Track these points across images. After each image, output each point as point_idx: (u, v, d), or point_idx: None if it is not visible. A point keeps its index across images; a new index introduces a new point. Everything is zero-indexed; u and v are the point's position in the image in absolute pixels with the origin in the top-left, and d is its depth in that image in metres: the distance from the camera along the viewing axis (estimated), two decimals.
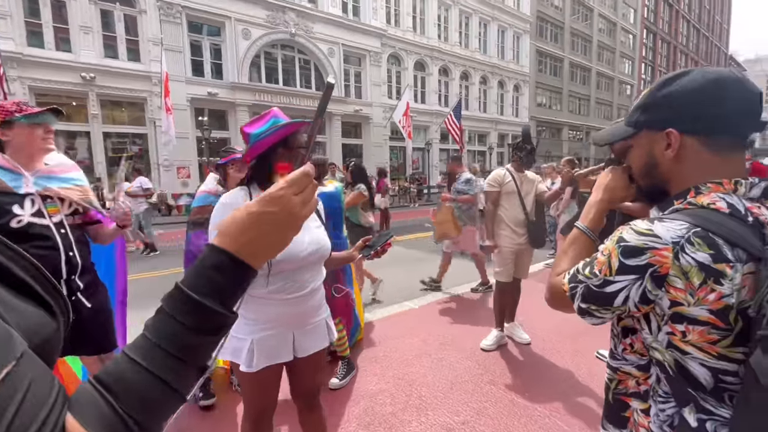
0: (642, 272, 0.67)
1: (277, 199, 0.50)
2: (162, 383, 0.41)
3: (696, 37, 47.86)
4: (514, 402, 2.44)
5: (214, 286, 0.45)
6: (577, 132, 33.48)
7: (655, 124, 0.75)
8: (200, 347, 0.44)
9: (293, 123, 1.36)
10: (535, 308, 3.95)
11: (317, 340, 1.48)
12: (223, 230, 0.49)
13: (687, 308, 0.65)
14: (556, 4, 29.86)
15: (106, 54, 13.60)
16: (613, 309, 0.72)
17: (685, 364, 0.67)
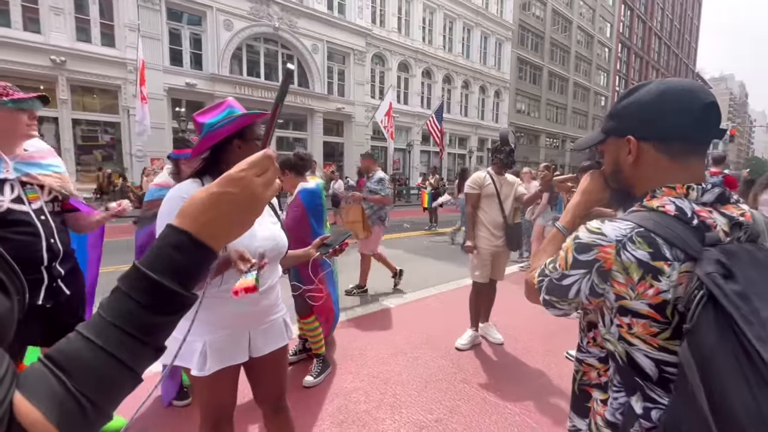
0: (590, 267, 0.73)
1: (238, 179, 0.50)
2: (117, 362, 0.40)
3: (666, 53, 50.16)
4: (486, 400, 2.50)
5: (172, 266, 0.44)
6: (553, 139, 34.44)
7: (618, 131, 0.81)
8: (157, 327, 0.44)
9: (250, 114, 1.28)
10: (509, 309, 4.04)
11: (274, 339, 1.42)
12: (183, 211, 0.48)
13: (629, 302, 0.70)
14: (537, 14, 30.64)
15: (79, 37, 13.01)
16: (569, 301, 0.78)
17: (633, 356, 0.72)
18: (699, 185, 0.73)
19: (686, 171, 0.75)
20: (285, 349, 1.50)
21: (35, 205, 1.55)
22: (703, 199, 0.72)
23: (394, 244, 8.35)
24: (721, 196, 0.73)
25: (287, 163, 2.72)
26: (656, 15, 46.01)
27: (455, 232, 8.85)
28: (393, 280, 4.99)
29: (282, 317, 1.48)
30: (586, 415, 0.86)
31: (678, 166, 0.75)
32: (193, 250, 0.46)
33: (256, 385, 1.49)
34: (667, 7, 48.85)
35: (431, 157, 24.19)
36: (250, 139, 1.31)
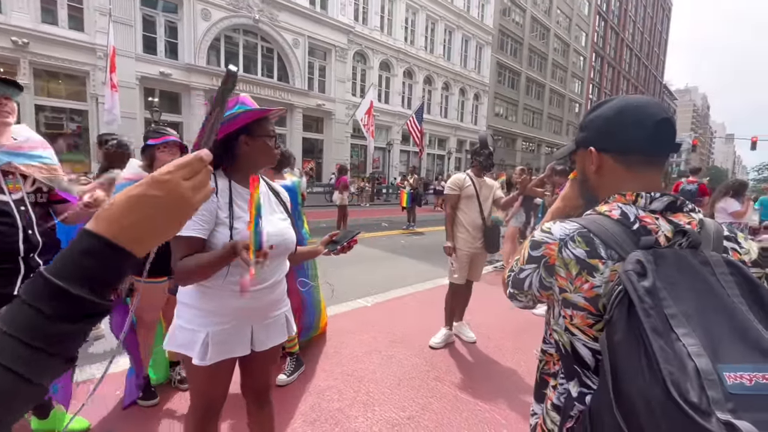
0: (538, 262, 0.82)
1: (162, 182, 0.47)
2: (14, 375, 0.37)
3: (637, 64, 52.37)
4: (458, 397, 2.55)
5: (82, 272, 0.41)
6: (530, 143, 35.34)
7: (584, 143, 0.88)
8: (64, 336, 0.40)
9: (255, 110, 1.32)
10: (482, 308, 4.13)
11: (276, 335, 1.46)
12: (99, 214, 0.45)
13: (569, 294, 0.77)
14: (517, 20, 31.32)
15: (44, 19, 12.33)
16: (525, 293, 0.87)
17: (575, 345, 0.80)
18: (648, 194, 0.79)
19: (641, 180, 0.81)
20: (280, 345, 1.53)
21: (16, 196, 1.54)
22: (651, 207, 0.78)
23: (372, 243, 8.36)
24: (672, 204, 0.78)
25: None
26: (628, 27, 47.93)
27: None
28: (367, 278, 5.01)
29: (285, 313, 1.50)
30: (543, 401, 0.93)
31: (634, 176, 0.82)
32: (107, 255, 0.43)
33: (246, 375, 1.52)
34: (639, 20, 50.99)
35: (411, 157, 24.33)
36: (258, 135, 1.34)
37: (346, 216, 9.24)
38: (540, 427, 0.91)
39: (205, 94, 15.34)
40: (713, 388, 0.53)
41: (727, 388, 0.54)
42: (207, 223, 1.26)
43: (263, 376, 1.53)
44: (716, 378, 0.54)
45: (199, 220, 1.25)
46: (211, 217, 1.27)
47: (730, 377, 0.55)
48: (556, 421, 0.85)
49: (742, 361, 0.56)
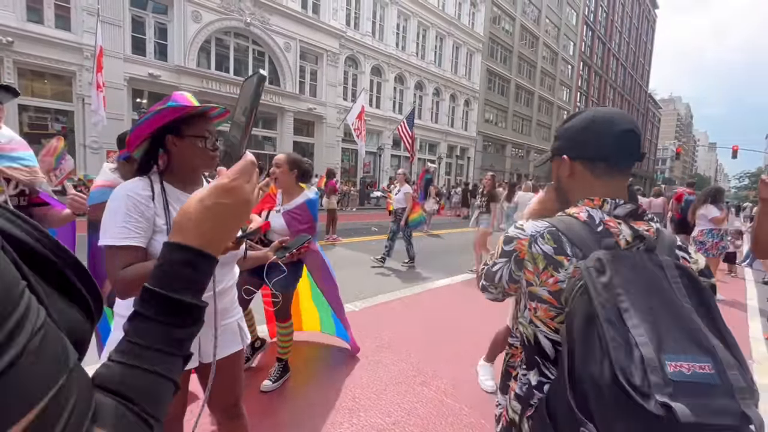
0: (509, 256, 0.88)
1: (231, 189, 0.52)
2: (165, 378, 0.44)
3: (623, 74, 53.54)
4: (443, 402, 2.56)
5: (186, 282, 0.47)
6: (519, 149, 35.78)
7: (559, 151, 0.94)
8: (185, 339, 0.47)
9: (169, 108, 1.18)
10: (474, 314, 4.17)
11: (227, 344, 1.37)
12: (180, 225, 0.50)
13: (535, 288, 0.84)
14: (506, 28, 31.81)
15: (30, 18, 12.12)
16: (495, 285, 0.93)
17: (538, 337, 0.86)
18: (613, 200, 0.85)
19: (608, 187, 0.88)
20: (239, 354, 1.45)
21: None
22: (615, 212, 0.85)
23: (361, 248, 8.37)
24: (633, 212, 0.85)
25: (297, 163, 2.60)
26: (615, 37, 49.04)
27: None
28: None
29: (237, 321, 1.44)
30: (506, 392, 0.99)
31: (601, 183, 0.88)
32: (199, 263, 0.48)
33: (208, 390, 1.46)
34: (625, 30, 52.22)
35: (401, 162, 24.42)
36: (186, 135, 1.22)
37: (335, 220, 9.23)
38: (504, 417, 0.97)
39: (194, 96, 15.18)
40: (655, 374, 0.60)
41: (667, 374, 0.60)
42: (144, 230, 1.17)
43: (229, 390, 1.44)
44: (658, 365, 0.61)
45: (133, 227, 1.15)
46: (148, 224, 1.18)
47: (671, 365, 0.61)
48: (517, 410, 0.90)
49: (682, 352, 0.63)
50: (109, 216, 1.16)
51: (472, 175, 29.54)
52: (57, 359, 0.31)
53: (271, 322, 3.13)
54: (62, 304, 0.38)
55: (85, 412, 0.33)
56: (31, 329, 0.29)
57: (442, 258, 7.84)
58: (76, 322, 0.39)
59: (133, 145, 1.22)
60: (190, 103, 1.24)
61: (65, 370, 0.31)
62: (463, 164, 30.03)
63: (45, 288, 0.36)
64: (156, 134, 1.22)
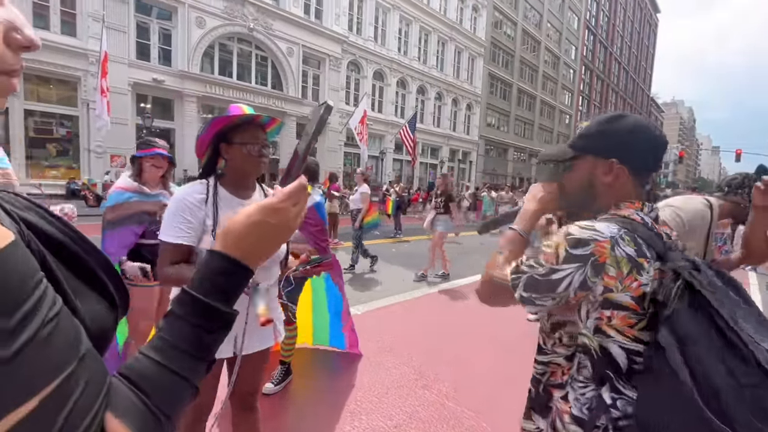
0: (585, 261, 0.78)
1: (277, 210, 0.55)
2: (183, 380, 0.45)
3: (625, 78, 53.58)
4: (445, 405, 2.56)
5: (220, 289, 0.50)
6: (521, 153, 35.78)
7: (601, 152, 0.90)
8: (212, 344, 0.49)
9: (219, 118, 1.32)
10: (475, 317, 4.16)
11: (262, 339, 1.46)
12: (225, 236, 0.53)
13: (615, 294, 0.77)
14: (508, 33, 31.93)
15: (36, 24, 12.26)
16: (555, 295, 0.81)
17: (607, 347, 0.79)
18: (648, 204, 0.87)
19: (639, 192, 0.89)
20: (268, 349, 1.53)
21: None
22: (651, 215, 0.86)
23: None
24: (657, 217, 0.88)
25: (306, 167, 2.60)
26: (616, 41, 49.12)
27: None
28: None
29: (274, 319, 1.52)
30: (547, 415, 0.90)
31: (636, 188, 0.89)
32: (235, 272, 0.51)
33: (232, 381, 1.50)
34: (626, 35, 52.30)
35: (404, 166, 24.49)
36: (235, 143, 1.35)
37: (336, 224, 9.25)
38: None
39: (197, 100, 15.33)
40: None
41: None
42: (194, 230, 1.30)
43: (250, 381, 1.53)
44: None
45: (185, 228, 1.29)
46: (198, 224, 1.31)
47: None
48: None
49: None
50: (167, 216, 1.31)
51: (474, 179, 29.55)
52: (68, 347, 0.34)
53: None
54: (89, 296, 0.42)
55: (94, 397, 0.35)
56: (42, 319, 0.32)
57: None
58: (101, 312, 0.43)
59: (199, 153, 1.38)
60: (241, 112, 1.36)
61: (75, 358, 0.34)
62: (465, 168, 30.04)
63: (73, 281, 0.41)
64: (215, 143, 1.37)
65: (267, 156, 1.41)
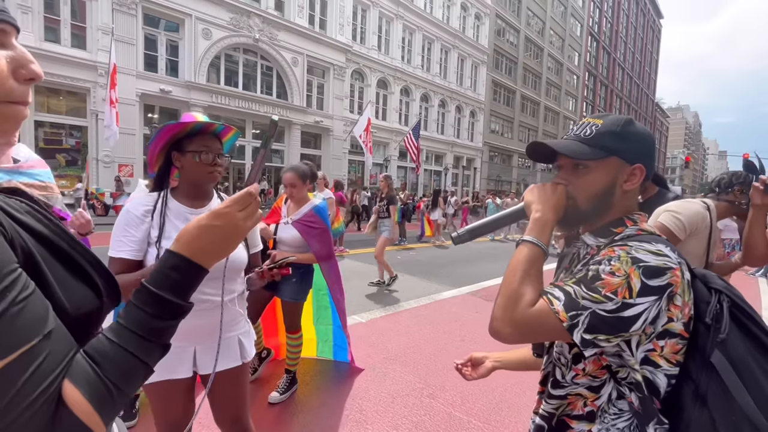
0: (662, 292, 0.68)
1: (222, 215, 0.63)
2: (133, 357, 0.51)
3: (629, 83, 53.51)
4: (452, 415, 2.53)
5: (171, 283, 0.57)
6: (526, 160, 35.72)
7: (629, 156, 0.80)
8: (162, 330, 0.55)
9: (168, 125, 1.27)
10: (481, 326, 4.13)
11: (224, 358, 1.35)
12: (179, 238, 0.61)
13: (674, 323, 0.70)
14: (511, 40, 32.10)
15: (47, 37, 12.56)
16: (626, 335, 0.69)
17: (653, 378, 0.71)
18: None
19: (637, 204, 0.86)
20: (242, 369, 1.43)
21: None
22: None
23: (368, 259, 8.36)
24: None
25: (306, 174, 2.62)
26: (619, 47, 49.18)
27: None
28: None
29: (238, 336, 1.42)
30: None
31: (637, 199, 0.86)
32: (187, 269, 0.59)
33: (211, 404, 1.43)
34: (630, 41, 52.36)
35: (408, 173, 24.53)
36: (188, 151, 1.29)
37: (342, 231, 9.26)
38: None
39: (204, 110, 15.52)
40: None
41: None
42: (137, 243, 1.27)
43: (230, 405, 1.43)
44: None
45: (127, 241, 1.27)
46: (142, 237, 1.28)
47: None
48: None
49: None
50: (114, 230, 1.30)
51: (479, 185, 29.51)
52: (35, 324, 0.43)
53: (272, 337, 3.12)
54: (75, 284, 0.52)
55: (55, 366, 0.44)
56: (12, 300, 0.41)
57: (448, 269, 7.80)
58: (86, 297, 0.53)
59: (150, 164, 1.34)
60: (194, 120, 1.30)
61: (41, 333, 0.43)
62: (470, 175, 30.03)
63: (61, 271, 0.51)
64: (167, 152, 1.31)
65: (221, 165, 1.34)
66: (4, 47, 0.50)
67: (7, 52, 0.50)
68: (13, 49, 0.51)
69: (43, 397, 0.42)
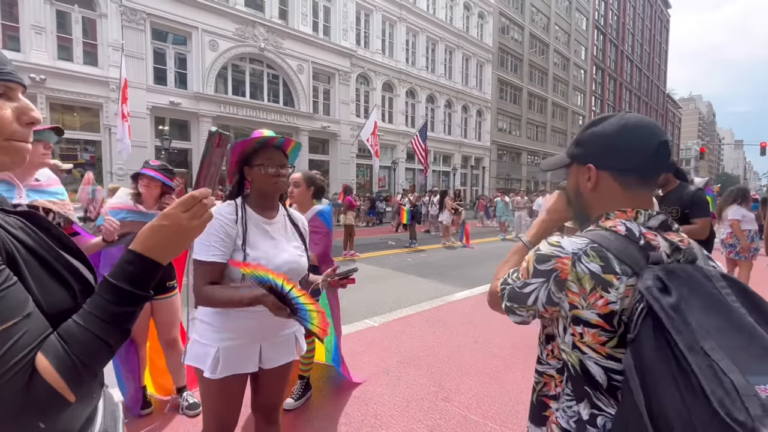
0: (548, 276, 0.79)
1: (167, 215, 0.71)
2: (96, 337, 0.60)
3: (638, 75, 52.65)
4: (467, 418, 2.51)
5: (127, 275, 0.65)
6: (535, 157, 35.37)
7: (581, 159, 0.88)
8: (120, 314, 0.63)
9: (239, 142, 1.40)
10: (494, 327, 4.09)
11: (284, 353, 1.51)
12: (137, 237, 0.69)
13: (581, 311, 0.76)
14: (516, 37, 31.90)
15: (60, 56, 12.91)
16: (527, 308, 0.84)
17: (585, 364, 0.78)
18: (646, 211, 0.81)
19: (637, 199, 0.83)
20: (291, 363, 1.57)
21: None
22: (649, 224, 0.80)
23: (380, 262, 8.37)
24: (664, 223, 0.81)
25: (313, 181, 2.70)
26: (627, 40, 48.46)
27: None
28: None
29: (294, 333, 1.56)
30: (543, 424, 0.90)
31: (630, 196, 0.83)
32: (141, 263, 0.66)
33: (256, 392, 1.57)
34: (637, 32, 51.57)
35: (416, 175, 24.49)
36: (255, 165, 1.42)
37: (352, 236, 9.29)
38: None
39: (213, 120, 15.76)
40: (752, 404, 0.53)
41: (764, 401, 0.53)
42: (226, 248, 1.36)
43: (273, 394, 1.57)
44: (754, 394, 0.54)
45: (219, 246, 1.35)
46: (230, 242, 1.37)
47: (761, 390, 0.54)
48: None
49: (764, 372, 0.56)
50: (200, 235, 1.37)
51: (488, 184, 29.32)
52: (15, 308, 0.55)
53: None
54: (54, 287, 0.63)
55: (31, 340, 0.56)
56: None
57: (460, 270, 7.76)
58: (60, 297, 0.64)
59: (229, 179, 1.48)
60: (260, 136, 1.44)
61: (21, 315, 0.55)
62: (479, 174, 29.86)
63: (42, 274, 0.62)
64: (240, 167, 1.47)
65: (284, 176, 1.47)
66: (11, 100, 0.65)
67: (13, 103, 0.65)
68: (18, 101, 0.65)
69: (20, 365, 0.54)
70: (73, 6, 13.00)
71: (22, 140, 0.66)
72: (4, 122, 0.63)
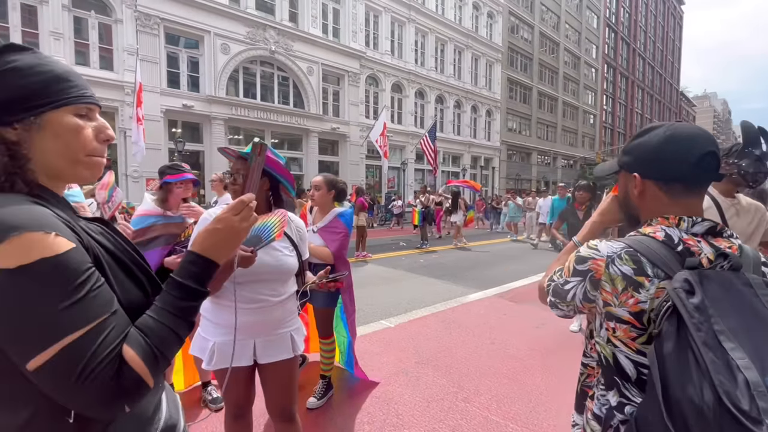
0: (584, 275, 0.87)
1: (221, 219, 0.80)
2: (168, 329, 0.68)
3: (651, 73, 51.84)
4: (489, 419, 2.52)
5: (191, 273, 0.74)
6: (545, 156, 35.07)
7: (629, 167, 0.93)
8: (187, 308, 0.72)
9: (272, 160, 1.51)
10: (507, 327, 4.09)
11: (278, 351, 1.56)
12: (195, 239, 0.79)
13: (614, 308, 0.83)
14: (525, 37, 31.67)
15: (77, 61, 13.20)
16: (567, 303, 0.93)
17: (617, 357, 0.84)
18: (690, 218, 0.84)
19: (682, 206, 0.86)
20: (291, 362, 1.61)
21: None
22: (693, 230, 0.83)
23: (392, 263, 8.39)
24: (712, 229, 0.83)
25: (334, 184, 2.74)
26: (639, 37, 47.75)
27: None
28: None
29: (290, 332, 1.60)
30: (582, 412, 0.98)
31: (675, 203, 0.86)
32: (202, 263, 0.75)
33: (264, 392, 1.64)
34: (650, 29, 50.78)
35: (425, 175, 24.44)
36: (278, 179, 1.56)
37: (364, 237, 9.32)
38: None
39: (224, 123, 15.95)
40: (763, 399, 0.58)
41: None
42: None
43: (279, 395, 1.62)
44: (765, 389, 0.59)
45: None
46: None
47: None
48: (596, 430, 0.89)
49: None
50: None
51: (498, 184, 29.13)
52: (105, 304, 0.62)
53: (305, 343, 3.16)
54: (129, 286, 0.71)
55: (118, 334, 0.63)
56: (91, 286, 0.61)
57: (473, 271, 7.74)
58: (135, 295, 0.72)
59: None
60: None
61: (109, 311, 0.63)
62: (488, 174, 29.69)
63: (120, 274, 0.70)
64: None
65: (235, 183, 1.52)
66: (91, 120, 0.74)
67: (93, 123, 0.74)
68: (97, 121, 0.75)
69: (111, 355, 0.60)
70: (90, 12, 13.28)
71: (100, 155, 0.75)
72: (86, 140, 0.72)
